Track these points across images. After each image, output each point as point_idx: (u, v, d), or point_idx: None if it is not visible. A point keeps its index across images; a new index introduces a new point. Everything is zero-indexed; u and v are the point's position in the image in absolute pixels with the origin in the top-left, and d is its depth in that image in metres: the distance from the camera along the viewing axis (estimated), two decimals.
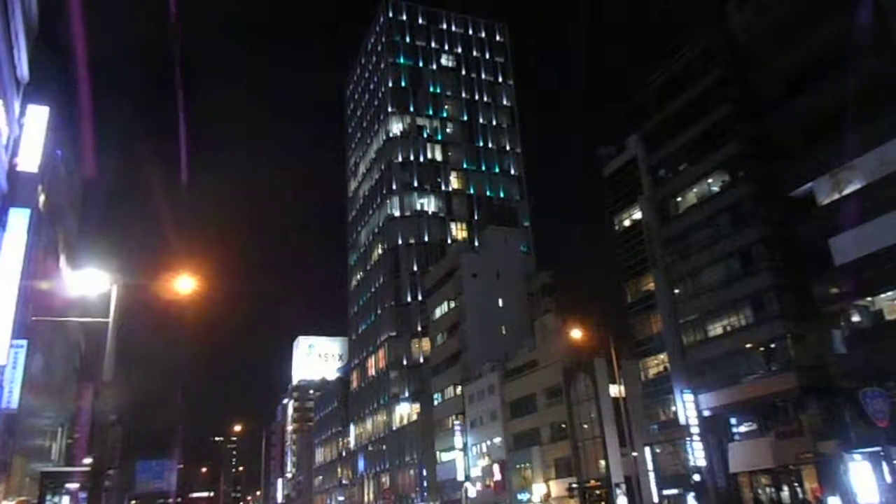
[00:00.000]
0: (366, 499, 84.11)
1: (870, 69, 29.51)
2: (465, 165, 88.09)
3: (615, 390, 43.94)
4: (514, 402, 54.81)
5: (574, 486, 46.94)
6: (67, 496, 25.17)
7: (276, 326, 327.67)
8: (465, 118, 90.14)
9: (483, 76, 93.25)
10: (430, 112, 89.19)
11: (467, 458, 60.13)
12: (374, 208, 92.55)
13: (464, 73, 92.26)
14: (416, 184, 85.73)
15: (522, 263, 71.60)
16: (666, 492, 42.40)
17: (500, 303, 65.33)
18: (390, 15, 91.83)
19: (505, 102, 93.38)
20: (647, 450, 43.48)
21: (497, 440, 56.37)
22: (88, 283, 15.99)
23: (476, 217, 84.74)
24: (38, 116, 16.27)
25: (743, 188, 38.44)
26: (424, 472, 67.63)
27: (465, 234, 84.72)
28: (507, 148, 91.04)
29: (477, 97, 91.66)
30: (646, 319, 45.18)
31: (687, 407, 39.59)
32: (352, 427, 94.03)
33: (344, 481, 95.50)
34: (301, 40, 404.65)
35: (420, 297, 79.86)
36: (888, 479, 29.46)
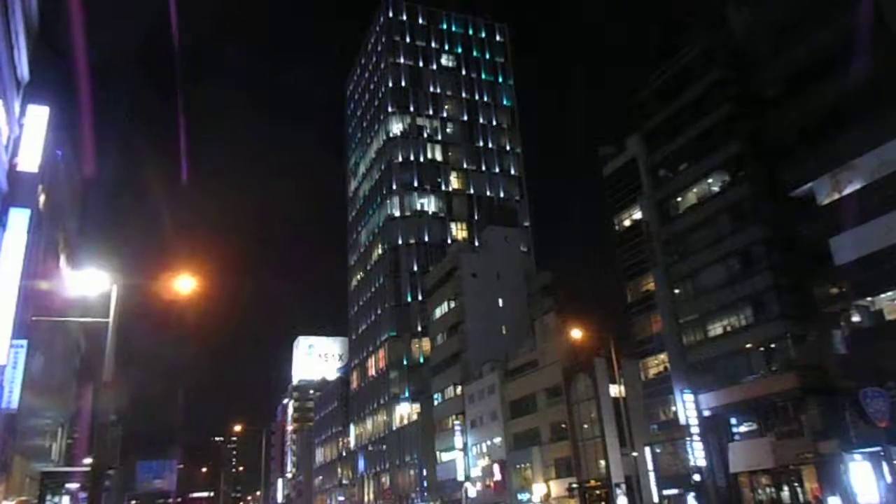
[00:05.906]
0: (366, 499, 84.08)
1: (869, 68, 29.49)
2: (465, 165, 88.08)
3: (615, 390, 43.94)
4: (514, 402, 54.79)
5: (574, 486, 46.93)
6: (67, 496, 25.21)
7: (276, 326, 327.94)
8: (465, 118, 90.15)
9: (483, 76, 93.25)
10: (430, 112, 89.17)
11: (467, 458, 60.11)
12: (374, 208, 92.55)
13: (464, 73, 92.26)
14: (416, 184, 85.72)
15: (522, 263, 71.62)
16: (666, 492, 42.39)
17: (500, 303, 65.36)
18: (390, 15, 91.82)
19: (505, 102, 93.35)
20: (647, 450, 43.48)
21: (497, 440, 56.35)
22: (88, 283, 15.96)
23: (476, 217, 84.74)
24: (38, 116, 16.28)
25: (743, 188, 38.41)
26: (424, 472, 67.61)
27: (465, 234, 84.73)
28: (507, 148, 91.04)
29: (477, 97, 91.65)
30: (646, 319, 45.15)
31: (687, 407, 39.59)
32: (352, 427, 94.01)
33: (344, 481, 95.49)
34: (301, 40, 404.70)
35: (420, 297, 79.85)
36: (888, 479, 29.46)
